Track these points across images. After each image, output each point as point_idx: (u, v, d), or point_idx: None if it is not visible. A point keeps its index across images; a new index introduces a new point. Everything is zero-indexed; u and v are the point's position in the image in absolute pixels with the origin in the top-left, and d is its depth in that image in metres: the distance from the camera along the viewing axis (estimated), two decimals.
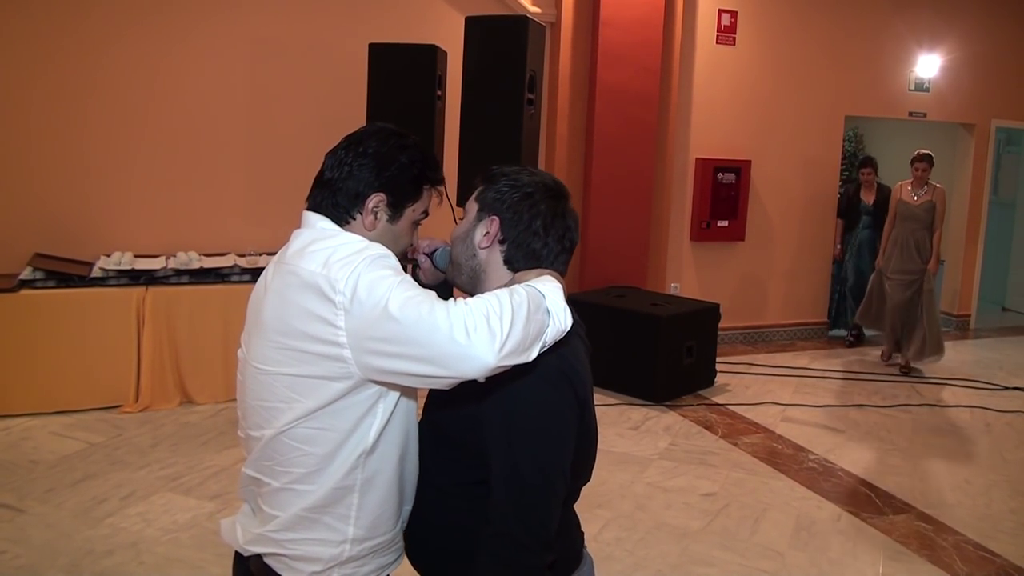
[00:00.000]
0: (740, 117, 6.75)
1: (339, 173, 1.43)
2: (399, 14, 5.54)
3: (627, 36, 5.92)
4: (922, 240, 6.15)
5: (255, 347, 1.39)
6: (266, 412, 1.38)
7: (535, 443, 1.33)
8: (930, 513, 3.82)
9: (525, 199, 1.44)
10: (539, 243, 1.45)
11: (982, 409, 5.44)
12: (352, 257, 1.31)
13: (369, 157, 1.43)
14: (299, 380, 1.32)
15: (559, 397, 1.35)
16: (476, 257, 1.47)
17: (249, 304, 1.47)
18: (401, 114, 4.38)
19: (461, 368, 1.20)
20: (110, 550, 3.13)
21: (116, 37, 4.95)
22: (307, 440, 1.35)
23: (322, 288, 1.28)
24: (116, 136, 5.01)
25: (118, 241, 5.03)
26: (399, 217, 1.45)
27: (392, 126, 1.50)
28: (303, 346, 1.31)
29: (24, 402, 4.44)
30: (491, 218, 1.44)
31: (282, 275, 1.37)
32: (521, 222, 1.44)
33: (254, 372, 1.39)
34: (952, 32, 7.40)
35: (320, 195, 1.45)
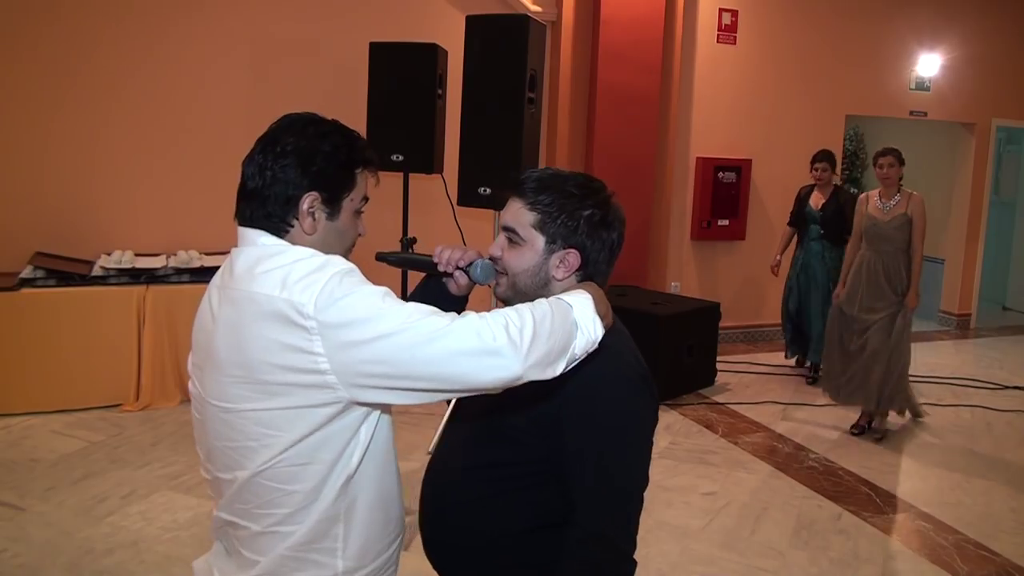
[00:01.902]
0: (741, 116, 6.74)
1: (262, 180, 1.29)
2: (400, 13, 5.54)
3: (628, 35, 5.92)
4: (894, 266, 4.60)
5: (211, 383, 1.26)
6: (235, 453, 1.25)
7: (625, 447, 1.33)
8: (930, 512, 3.82)
9: (592, 219, 1.39)
10: (612, 255, 1.45)
11: (983, 408, 5.44)
12: (314, 275, 1.19)
13: (289, 155, 1.30)
14: (273, 414, 1.20)
15: (644, 401, 1.37)
16: (549, 286, 1.41)
17: (195, 331, 1.34)
18: (402, 113, 4.38)
19: (483, 379, 1.13)
20: (110, 549, 3.13)
21: (117, 36, 4.95)
22: (289, 479, 1.24)
23: (286, 314, 1.16)
24: (117, 135, 5.01)
25: (119, 240, 5.03)
26: (338, 212, 1.33)
27: (306, 113, 1.38)
28: (275, 378, 1.18)
29: (25, 401, 4.44)
30: (567, 251, 1.39)
31: (232, 302, 1.24)
32: (602, 245, 1.41)
33: (214, 411, 1.26)
34: (953, 31, 7.40)
35: (248, 208, 1.31)
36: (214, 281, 1.34)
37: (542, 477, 1.37)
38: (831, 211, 5.63)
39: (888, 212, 4.66)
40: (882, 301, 4.63)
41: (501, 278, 1.45)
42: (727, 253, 6.88)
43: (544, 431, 1.34)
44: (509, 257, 1.42)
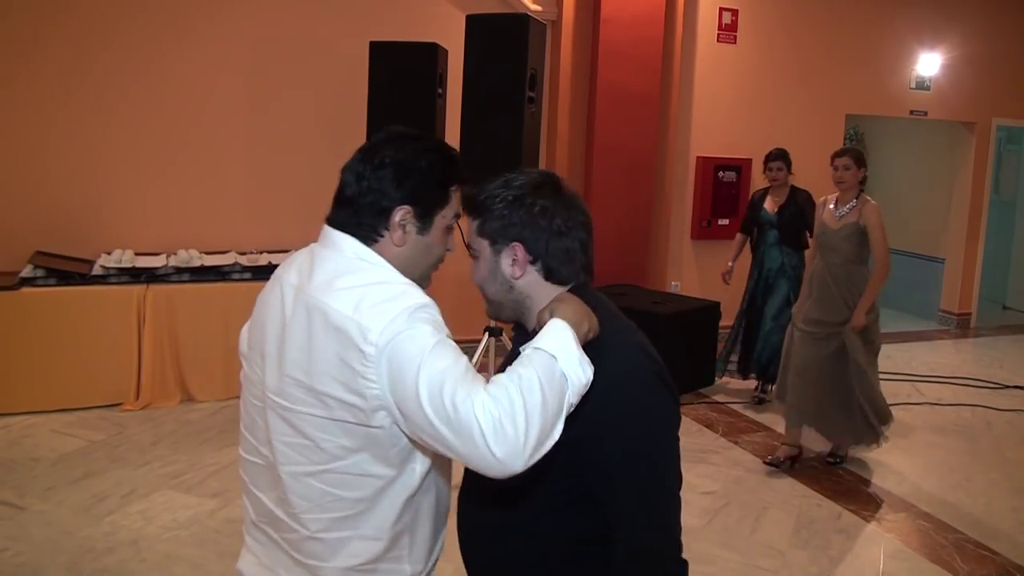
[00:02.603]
0: (741, 115, 6.74)
1: (358, 189, 1.32)
2: (400, 12, 5.54)
3: (628, 34, 5.92)
4: (844, 278, 4.10)
5: (273, 378, 1.29)
6: (290, 449, 1.28)
7: (652, 452, 1.31)
8: (930, 511, 3.82)
9: (532, 209, 1.35)
10: (568, 240, 1.37)
11: (983, 408, 5.44)
12: (387, 305, 1.20)
13: (387, 168, 1.31)
14: (324, 422, 1.24)
15: (662, 398, 1.33)
16: (514, 289, 1.38)
17: (261, 322, 1.35)
18: (402, 112, 4.38)
19: (484, 468, 1.13)
20: (111, 548, 3.13)
21: (117, 36, 4.94)
22: (342, 485, 1.27)
23: (351, 335, 1.19)
24: (117, 134, 5.01)
25: (119, 239, 5.03)
26: (429, 226, 1.34)
27: (405, 129, 1.40)
28: (328, 389, 1.22)
29: (25, 400, 4.44)
30: (511, 245, 1.36)
31: (306, 309, 1.25)
32: (542, 232, 1.35)
33: (273, 404, 1.29)
34: (953, 30, 7.40)
35: (342, 214, 1.34)
36: (287, 279, 1.33)
37: (573, 495, 1.34)
38: (789, 214, 5.10)
39: (839, 220, 4.14)
40: (832, 315, 4.11)
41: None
42: (727, 252, 6.86)
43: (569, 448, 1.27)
44: (475, 273, 1.43)
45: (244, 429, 1.41)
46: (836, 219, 4.15)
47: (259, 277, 4.88)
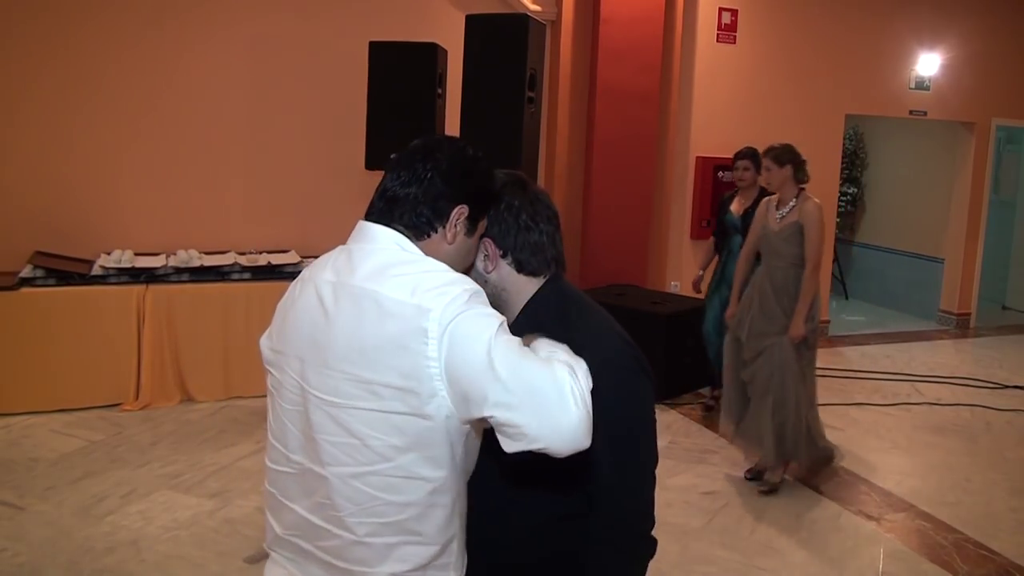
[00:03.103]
0: (741, 115, 6.74)
1: (418, 186, 1.32)
2: (399, 12, 5.54)
3: (627, 34, 5.91)
4: (783, 284, 3.85)
5: (316, 376, 1.27)
6: (337, 449, 1.25)
7: (639, 435, 1.39)
8: (930, 511, 3.82)
9: (498, 206, 1.43)
10: (536, 234, 1.44)
11: (982, 408, 5.44)
12: (446, 288, 1.21)
13: (449, 169, 1.34)
14: (376, 416, 1.21)
15: (640, 381, 1.41)
16: (488, 283, 1.44)
17: (294, 326, 1.32)
18: (401, 112, 4.38)
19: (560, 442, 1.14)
20: (110, 548, 3.13)
21: (116, 36, 4.95)
22: (389, 489, 1.24)
23: (410, 317, 1.18)
24: (117, 134, 5.01)
25: (118, 239, 5.03)
26: (474, 231, 1.38)
27: (455, 137, 1.44)
28: (383, 378, 1.20)
29: (24, 400, 4.44)
30: (483, 241, 1.43)
31: (354, 300, 1.24)
32: (509, 226, 1.43)
33: (318, 403, 1.26)
34: (952, 30, 7.40)
35: (396, 209, 1.32)
36: (322, 276, 1.31)
37: (554, 475, 1.39)
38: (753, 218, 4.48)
39: (780, 221, 3.91)
40: (774, 325, 3.86)
41: None
42: None
43: None
44: None
45: (273, 439, 1.37)
46: (777, 221, 3.93)
47: (259, 277, 4.89)
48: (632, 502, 1.41)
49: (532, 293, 1.46)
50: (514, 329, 1.37)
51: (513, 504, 1.45)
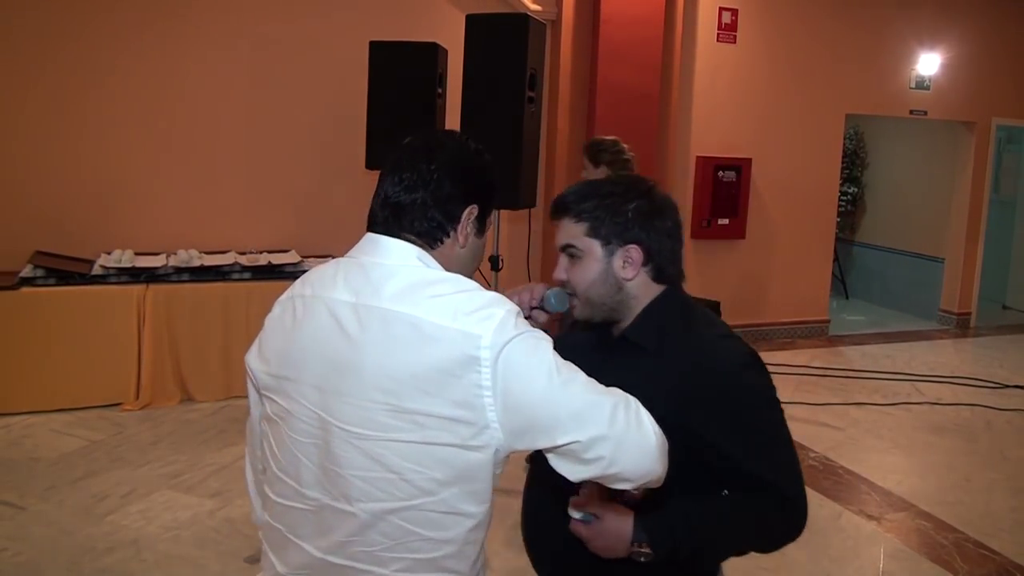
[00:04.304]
0: (741, 115, 6.74)
1: (426, 190, 1.23)
2: (400, 12, 5.54)
3: (628, 34, 5.91)
4: None
5: (344, 408, 1.15)
6: (370, 485, 1.14)
7: (783, 420, 1.41)
8: (930, 511, 3.82)
9: (646, 212, 1.40)
10: (675, 241, 1.44)
11: (982, 407, 5.44)
12: (489, 311, 1.13)
13: (455, 168, 1.26)
14: (418, 448, 1.12)
15: (767, 374, 1.43)
16: (623, 290, 1.42)
17: (308, 348, 1.20)
18: (401, 112, 4.38)
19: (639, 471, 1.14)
20: (111, 547, 3.13)
21: (117, 36, 4.95)
22: (429, 525, 1.15)
23: (458, 344, 1.10)
24: (116, 134, 5.01)
25: (119, 239, 5.03)
26: (484, 228, 1.31)
27: (441, 130, 1.40)
28: (428, 408, 1.10)
29: (25, 400, 4.44)
30: (627, 247, 1.40)
31: (384, 324, 1.14)
32: (657, 233, 1.41)
33: (344, 436, 1.15)
34: (953, 30, 7.40)
35: (405, 217, 1.24)
36: (335, 296, 1.20)
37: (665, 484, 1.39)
38: None
39: None
40: None
41: (573, 299, 1.45)
42: (727, 252, 6.88)
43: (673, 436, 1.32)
44: (574, 274, 1.43)
45: (280, 472, 1.24)
46: None
47: (259, 277, 4.89)
48: (796, 477, 1.41)
49: (649, 301, 1.44)
50: (632, 333, 1.42)
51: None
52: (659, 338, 1.40)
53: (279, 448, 1.25)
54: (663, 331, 1.41)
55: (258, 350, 1.31)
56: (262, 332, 1.32)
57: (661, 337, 1.40)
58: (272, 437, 1.27)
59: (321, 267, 1.29)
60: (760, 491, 1.37)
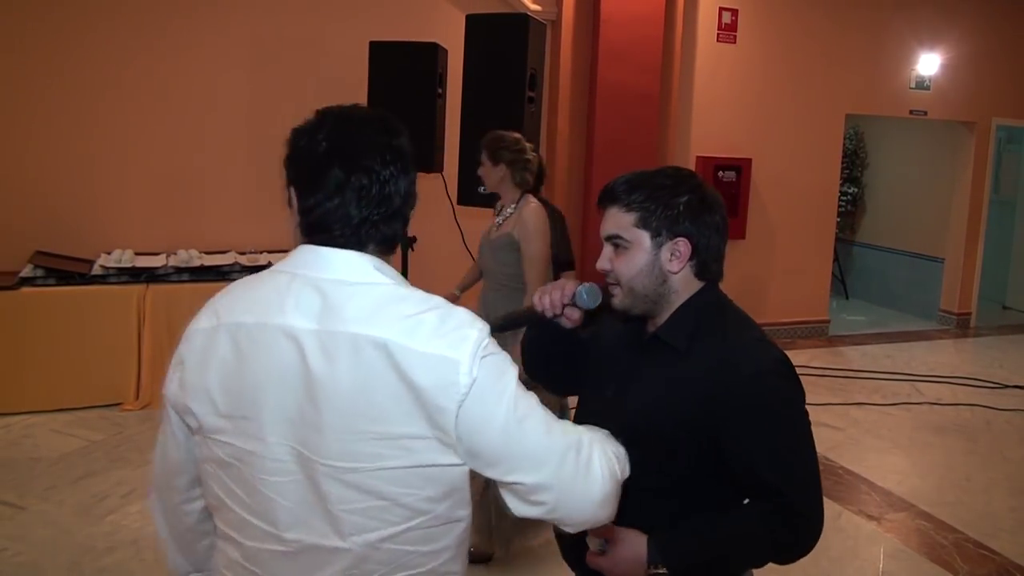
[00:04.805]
0: (741, 115, 6.74)
1: (382, 193, 1.13)
2: (400, 12, 5.54)
3: (628, 34, 5.91)
4: (497, 311, 2.84)
5: (326, 442, 1.06)
6: (361, 516, 1.08)
7: (809, 430, 1.38)
8: (930, 511, 3.82)
9: (696, 207, 1.40)
10: (721, 238, 1.43)
11: (983, 407, 5.44)
12: (463, 332, 1.08)
13: (405, 157, 1.15)
14: (408, 472, 1.07)
15: (799, 385, 1.40)
16: (667, 283, 1.41)
17: (266, 383, 1.09)
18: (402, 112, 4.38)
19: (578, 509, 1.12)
20: (111, 547, 3.13)
21: (116, 36, 4.95)
22: (427, 540, 1.11)
23: (436, 369, 1.05)
24: (117, 134, 5.01)
25: (119, 239, 5.03)
26: None
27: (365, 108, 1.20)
28: (419, 431, 1.06)
29: (25, 400, 4.44)
30: (675, 240, 1.39)
31: (354, 349, 1.05)
32: (707, 228, 1.41)
33: (328, 472, 1.07)
34: (953, 30, 7.40)
35: (364, 225, 1.12)
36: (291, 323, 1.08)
37: (690, 484, 1.40)
38: None
39: (496, 230, 3.14)
40: None
41: (615, 288, 1.43)
42: (727, 252, 6.84)
43: (700, 437, 1.36)
44: (619, 264, 1.42)
45: (249, 515, 1.13)
46: (495, 228, 3.17)
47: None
48: (813, 490, 1.38)
49: (688, 297, 1.43)
50: (665, 334, 1.41)
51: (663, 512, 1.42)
52: (691, 339, 1.39)
53: (244, 490, 1.13)
54: (697, 332, 1.40)
55: (180, 386, 1.17)
56: (181, 366, 1.18)
57: (693, 338, 1.39)
58: (228, 480, 1.14)
59: (244, 288, 1.16)
60: (772, 503, 1.35)
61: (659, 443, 1.38)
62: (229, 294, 1.18)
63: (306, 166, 1.15)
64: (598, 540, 1.37)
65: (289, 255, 1.17)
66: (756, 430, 1.34)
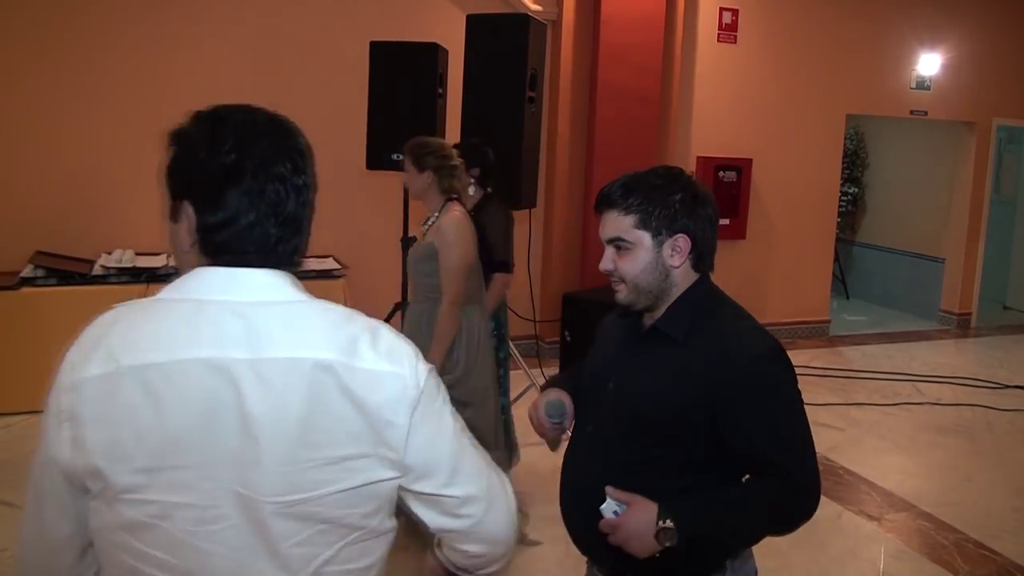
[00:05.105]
0: (741, 115, 6.74)
1: (303, 197, 1.09)
2: (400, 12, 5.54)
3: (628, 34, 5.91)
4: (418, 325, 3.02)
5: (269, 479, 0.98)
6: (300, 548, 1.01)
7: (803, 409, 1.50)
8: (931, 511, 3.82)
9: (691, 201, 1.48)
10: (714, 230, 1.52)
11: (983, 408, 5.44)
12: (401, 347, 1.05)
13: (307, 158, 1.10)
14: (355, 492, 1.02)
15: (790, 366, 1.51)
16: (668, 277, 1.50)
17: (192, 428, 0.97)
18: (402, 112, 4.38)
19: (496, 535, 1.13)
20: None
21: (116, 36, 4.95)
22: (362, 555, 1.07)
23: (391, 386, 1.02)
24: (117, 134, 5.01)
25: (119, 239, 5.03)
26: None
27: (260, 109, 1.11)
28: (362, 450, 1.01)
29: (25, 400, 4.42)
30: (675, 237, 1.47)
31: (292, 374, 0.98)
32: (702, 222, 1.49)
33: (276, 509, 0.98)
34: (954, 30, 7.40)
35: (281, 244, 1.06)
36: (215, 356, 0.97)
37: (695, 467, 1.48)
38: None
39: (423, 238, 3.05)
40: None
41: (619, 286, 1.53)
42: (728, 252, 6.87)
43: (702, 422, 1.45)
44: (622, 265, 1.50)
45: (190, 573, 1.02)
46: (422, 237, 3.07)
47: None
48: (811, 464, 1.48)
49: (685, 288, 1.52)
50: (664, 325, 1.52)
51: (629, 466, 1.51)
52: (689, 330, 1.48)
53: (167, 551, 0.99)
54: (694, 322, 1.49)
55: (76, 446, 1.00)
56: (72, 423, 1.00)
57: (691, 329, 1.48)
58: (143, 544, 1.00)
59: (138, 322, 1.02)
60: (773, 476, 1.45)
61: (661, 430, 1.48)
62: (118, 331, 1.01)
63: (208, 179, 1.03)
64: (613, 503, 1.44)
65: (183, 280, 1.03)
66: (756, 410, 1.43)
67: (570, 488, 1.62)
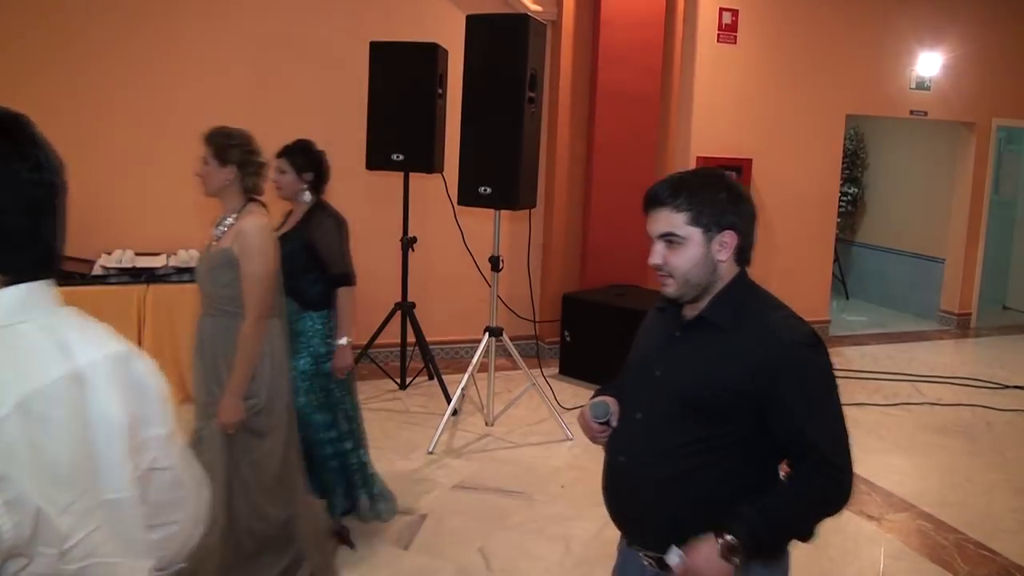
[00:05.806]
0: (741, 116, 6.74)
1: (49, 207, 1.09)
2: (400, 12, 5.54)
3: (628, 35, 5.92)
4: (215, 341, 2.60)
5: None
6: None
7: (836, 396, 1.58)
8: (931, 512, 3.82)
9: (736, 198, 1.58)
10: (753, 225, 1.61)
11: (983, 408, 5.44)
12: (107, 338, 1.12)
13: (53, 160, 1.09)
14: None
15: (827, 356, 1.59)
16: (716, 271, 1.59)
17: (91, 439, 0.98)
18: (402, 112, 4.38)
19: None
20: None
21: (116, 35, 4.95)
22: None
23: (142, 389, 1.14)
24: (117, 134, 5.01)
25: (119, 239, 5.03)
26: None
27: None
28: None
29: None
30: (723, 232, 1.57)
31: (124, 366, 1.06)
32: (747, 218, 1.60)
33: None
34: (953, 30, 7.40)
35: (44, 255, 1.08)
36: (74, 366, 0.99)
37: (740, 447, 1.55)
38: (291, 247, 3.04)
39: (215, 242, 2.66)
40: (204, 396, 2.61)
41: (668, 280, 1.61)
42: None
43: (748, 403, 1.52)
44: (673, 259, 1.58)
45: None
46: (213, 243, 2.67)
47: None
48: (845, 446, 1.60)
49: (727, 282, 1.61)
50: (710, 314, 1.60)
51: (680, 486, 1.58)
52: (734, 317, 1.57)
53: None
54: (737, 312, 1.58)
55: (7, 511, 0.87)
56: None
57: (735, 317, 1.57)
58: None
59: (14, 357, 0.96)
60: (813, 462, 1.55)
61: (708, 413, 1.56)
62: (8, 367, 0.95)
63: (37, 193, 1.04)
64: (675, 553, 1.54)
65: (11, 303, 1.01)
66: (798, 393, 1.52)
67: (617, 472, 1.68)
